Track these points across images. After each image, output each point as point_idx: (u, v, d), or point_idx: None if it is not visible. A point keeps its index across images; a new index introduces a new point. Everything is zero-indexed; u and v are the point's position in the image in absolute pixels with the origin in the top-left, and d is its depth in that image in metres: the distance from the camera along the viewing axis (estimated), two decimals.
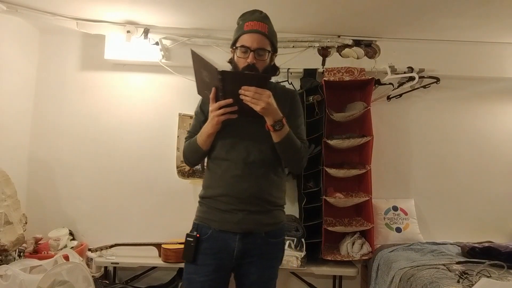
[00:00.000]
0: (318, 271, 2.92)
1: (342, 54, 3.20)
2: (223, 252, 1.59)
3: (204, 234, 1.61)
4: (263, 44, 1.59)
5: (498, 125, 3.38)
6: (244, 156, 1.59)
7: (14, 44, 2.97)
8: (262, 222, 1.61)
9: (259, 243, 1.61)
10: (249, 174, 1.59)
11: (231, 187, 1.59)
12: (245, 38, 1.59)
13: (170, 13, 2.85)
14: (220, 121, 1.53)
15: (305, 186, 2.97)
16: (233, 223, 1.58)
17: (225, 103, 1.48)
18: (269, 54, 1.63)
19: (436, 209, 3.31)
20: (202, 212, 1.67)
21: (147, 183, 3.25)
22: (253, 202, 1.59)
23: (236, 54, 1.62)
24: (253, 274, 1.62)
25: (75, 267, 2.40)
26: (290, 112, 1.67)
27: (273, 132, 1.54)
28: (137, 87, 3.31)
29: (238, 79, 1.49)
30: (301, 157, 1.65)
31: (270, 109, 1.48)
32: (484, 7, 2.56)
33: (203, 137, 1.61)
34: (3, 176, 2.60)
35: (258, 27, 1.59)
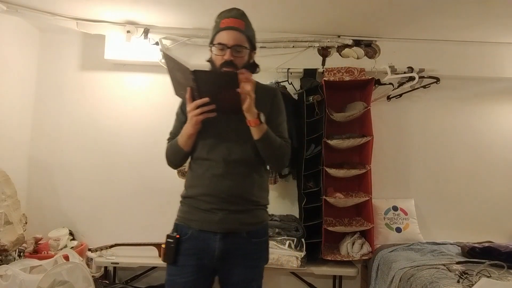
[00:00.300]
0: (318, 271, 2.92)
1: (342, 54, 3.20)
2: (204, 252, 1.56)
3: (184, 234, 1.59)
4: (240, 41, 1.57)
5: (498, 125, 3.39)
6: (225, 155, 1.57)
7: (14, 44, 2.97)
8: (243, 222, 1.58)
9: (241, 243, 1.57)
10: (230, 173, 1.56)
11: (212, 186, 1.57)
12: (222, 35, 1.58)
13: (170, 13, 2.85)
14: (198, 120, 1.51)
15: (305, 186, 2.97)
16: (213, 222, 1.55)
17: (201, 102, 1.46)
18: (247, 51, 1.61)
19: (436, 209, 3.31)
20: (182, 212, 1.66)
21: (147, 183, 3.25)
22: (234, 201, 1.56)
23: (213, 52, 1.61)
24: (236, 274, 1.58)
25: (75, 267, 2.40)
26: (271, 110, 1.64)
27: (254, 128, 1.51)
28: (137, 87, 3.31)
29: (212, 78, 1.48)
30: (282, 154, 1.62)
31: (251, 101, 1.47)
32: (483, 7, 2.57)
33: (183, 138, 1.60)
34: (3, 176, 2.60)
35: (234, 23, 1.58)
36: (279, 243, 2.84)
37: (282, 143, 1.62)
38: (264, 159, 1.62)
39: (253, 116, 1.49)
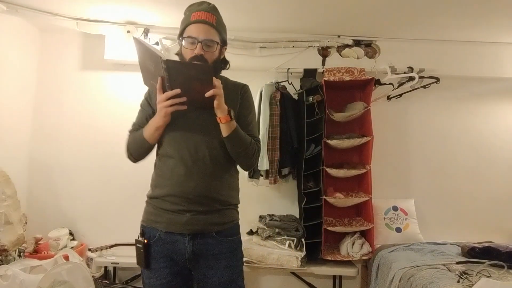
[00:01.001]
0: (318, 271, 2.92)
1: (342, 54, 3.20)
2: (175, 254, 1.53)
3: (152, 237, 1.56)
4: (210, 35, 1.52)
5: (498, 125, 3.39)
6: (192, 153, 1.51)
7: (14, 44, 2.96)
8: (211, 222, 1.52)
9: (211, 243, 1.52)
10: (197, 172, 1.50)
11: (177, 186, 1.51)
12: (192, 28, 1.52)
13: (170, 13, 2.84)
14: (168, 112, 1.45)
15: (305, 186, 2.97)
16: (180, 224, 1.50)
17: (172, 93, 1.40)
18: (217, 46, 1.54)
19: (436, 209, 3.31)
20: (148, 213, 1.61)
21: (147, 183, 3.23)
22: (201, 201, 1.51)
23: (183, 45, 1.54)
24: (212, 276, 1.54)
25: (75, 267, 2.40)
26: (241, 107, 1.59)
27: (224, 125, 1.47)
28: (137, 87, 3.30)
29: (184, 69, 1.41)
30: (252, 153, 1.57)
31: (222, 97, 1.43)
32: (484, 7, 2.57)
33: (150, 130, 1.53)
34: (3, 176, 2.59)
35: (205, 17, 1.52)
36: (279, 243, 2.84)
37: (252, 141, 1.57)
38: (232, 157, 1.56)
39: (224, 112, 1.44)
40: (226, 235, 1.56)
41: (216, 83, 1.40)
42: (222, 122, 1.46)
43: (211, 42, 1.52)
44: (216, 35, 1.54)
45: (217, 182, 1.55)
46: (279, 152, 2.97)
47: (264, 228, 2.92)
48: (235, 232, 1.62)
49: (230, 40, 3.02)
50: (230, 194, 1.60)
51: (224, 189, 1.57)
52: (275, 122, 2.98)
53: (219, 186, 1.55)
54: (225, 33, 1.60)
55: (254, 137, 1.61)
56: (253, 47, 3.11)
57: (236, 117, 1.52)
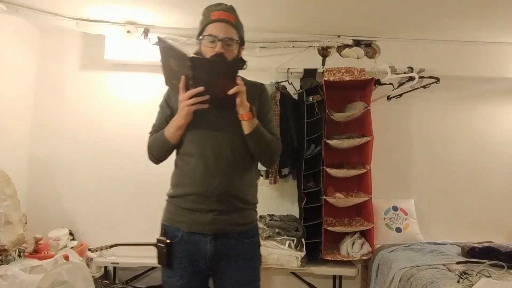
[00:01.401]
0: (318, 271, 2.92)
1: (342, 54, 3.20)
2: (197, 255, 1.53)
3: (174, 237, 1.55)
4: (230, 33, 1.52)
5: (498, 125, 3.39)
6: (214, 151, 1.51)
7: (14, 44, 2.96)
8: (233, 222, 1.53)
9: (233, 243, 1.53)
10: (219, 170, 1.50)
11: (199, 185, 1.51)
12: (212, 27, 1.52)
13: (170, 13, 2.85)
14: (191, 111, 1.44)
15: (305, 186, 2.97)
16: (203, 224, 1.50)
17: (196, 91, 1.39)
18: (237, 45, 1.56)
19: (436, 209, 3.31)
20: (170, 213, 1.61)
21: (147, 183, 3.24)
22: (223, 200, 1.51)
23: (203, 44, 1.55)
24: (231, 277, 1.54)
25: (75, 267, 2.40)
26: (260, 107, 1.60)
27: (246, 122, 1.47)
28: (137, 87, 3.31)
29: (208, 66, 1.42)
30: (273, 150, 1.59)
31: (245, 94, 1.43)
32: (484, 7, 2.57)
33: (172, 130, 1.53)
34: (3, 176, 2.59)
35: (225, 16, 1.53)
36: (279, 243, 2.84)
37: (273, 138, 1.59)
38: (254, 155, 1.57)
39: (246, 109, 1.45)
40: (246, 236, 1.57)
41: (238, 80, 1.41)
42: (244, 119, 1.47)
43: (231, 41, 1.53)
44: (235, 34, 1.55)
45: (239, 179, 1.55)
46: None
47: (264, 228, 2.92)
48: (255, 233, 1.63)
49: None
50: (250, 192, 1.61)
51: (245, 187, 1.57)
52: (275, 122, 2.97)
53: (241, 184, 1.55)
54: (243, 32, 1.61)
55: (274, 134, 1.62)
56: (253, 47, 3.11)
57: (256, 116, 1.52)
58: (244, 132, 1.50)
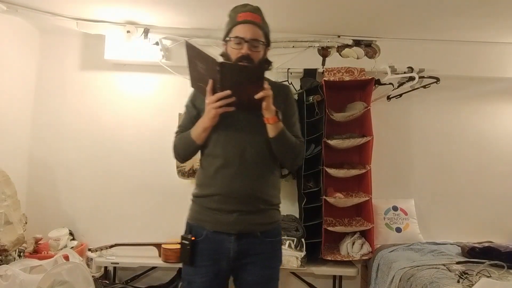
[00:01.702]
0: (318, 271, 2.92)
1: (342, 54, 3.20)
2: (219, 253, 1.56)
3: (199, 235, 1.58)
4: (257, 35, 1.54)
5: (498, 125, 3.39)
6: (238, 153, 1.54)
7: (14, 44, 2.96)
8: (257, 222, 1.57)
9: (255, 243, 1.57)
10: (243, 172, 1.54)
11: (224, 186, 1.54)
12: (239, 29, 1.54)
13: (170, 13, 2.85)
14: (217, 113, 1.47)
15: (305, 186, 2.97)
16: (227, 224, 1.54)
17: (223, 94, 1.43)
18: (263, 46, 1.58)
19: (436, 209, 3.31)
20: (195, 212, 1.64)
21: (147, 183, 3.25)
22: (247, 201, 1.54)
23: (229, 46, 1.57)
24: (252, 275, 1.58)
25: (75, 267, 2.40)
26: (285, 109, 1.61)
27: (272, 125, 1.50)
28: (137, 87, 3.31)
29: (237, 71, 1.45)
30: (297, 154, 1.63)
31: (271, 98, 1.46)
32: (484, 7, 2.56)
33: (198, 131, 1.56)
34: (3, 176, 2.59)
35: (251, 17, 1.54)
36: None
37: (297, 142, 1.62)
38: (278, 157, 1.60)
39: (272, 113, 1.47)
40: (269, 236, 1.60)
41: (265, 85, 1.43)
42: (270, 122, 1.49)
43: (257, 42, 1.54)
44: (262, 35, 1.56)
45: (262, 181, 1.58)
46: None
47: None
48: (278, 233, 1.66)
49: None
50: (273, 194, 1.64)
51: (268, 189, 1.60)
52: None
53: (264, 186, 1.59)
54: (269, 32, 1.62)
55: (298, 137, 1.65)
56: None
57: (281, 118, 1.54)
58: (269, 136, 1.52)
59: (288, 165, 1.70)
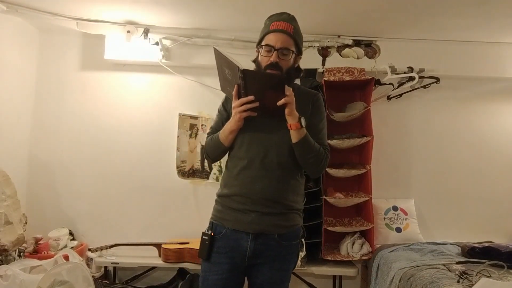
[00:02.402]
0: (318, 271, 2.92)
1: (342, 54, 3.20)
2: (236, 252, 1.61)
3: (218, 233, 1.63)
4: (287, 44, 1.60)
5: (498, 125, 3.38)
6: (261, 156, 1.59)
7: (14, 44, 2.96)
8: (274, 224, 1.61)
9: (272, 244, 1.60)
10: (265, 175, 1.59)
11: (245, 187, 1.60)
12: (270, 37, 1.60)
13: (170, 13, 2.84)
14: (242, 117, 1.54)
15: (305, 186, 2.96)
16: (246, 223, 1.59)
17: (247, 100, 1.50)
18: (293, 55, 1.63)
19: (436, 209, 3.31)
20: (217, 211, 1.69)
21: (147, 183, 3.25)
22: (266, 203, 1.59)
23: (260, 53, 1.63)
24: (264, 275, 1.62)
25: (75, 267, 2.40)
26: (312, 115, 1.66)
27: (294, 131, 1.54)
28: (137, 87, 3.31)
29: (258, 78, 1.53)
30: (319, 160, 1.63)
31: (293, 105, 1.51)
32: (483, 7, 2.56)
33: (225, 133, 1.63)
34: (3, 176, 2.60)
35: (283, 27, 1.61)
36: None
37: (320, 149, 1.63)
38: (300, 163, 1.63)
39: (295, 119, 1.52)
40: (286, 239, 1.63)
41: (287, 92, 1.48)
42: (292, 128, 1.54)
43: (287, 51, 1.60)
44: (292, 44, 1.63)
45: (283, 186, 1.62)
46: None
47: None
48: (296, 236, 1.69)
49: (230, 40, 3.05)
50: (294, 199, 1.67)
51: (289, 194, 1.64)
52: None
53: (285, 191, 1.63)
54: (301, 42, 1.69)
55: (323, 145, 1.68)
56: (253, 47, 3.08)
57: (307, 125, 1.57)
58: (292, 141, 1.57)
59: (310, 172, 1.72)
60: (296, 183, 1.68)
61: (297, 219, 1.70)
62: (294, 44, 1.63)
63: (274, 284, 1.64)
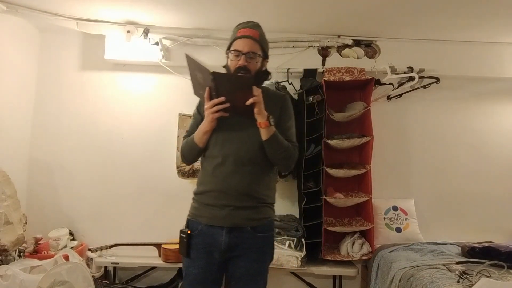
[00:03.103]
0: (318, 271, 2.92)
1: (342, 54, 3.20)
2: (213, 246, 1.69)
3: (194, 229, 1.72)
4: (254, 48, 1.71)
5: (498, 125, 3.39)
6: (234, 154, 1.68)
7: (14, 44, 2.97)
8: (247, 217, 1.69)
9: (246, 237, 1.68)
10: (238, 171, 1.68)
11: (219, 183, 1.69)
12: (238, 43, 1.71)
13: (170, 13, 2.85)
14: (214, 118, 1.63)
15: (305, 186, 2.97)
16: (220, 217, 1.68)
17: (218, 101, 1.60)
18: (259, 58, 1.74)
19: (436, 209, 3.31)
20: (194, 209, 1.78)
21: (147, 183, 3.25)
22: (240, 198, 1.68)
23: (229, 58, 1.74)
24: (241, 267, 1.70)
25: (75, 267, 2.40)
26: (281, 115, 1.77)
27: (264, 129, 1.63)
28: (137, 87, 3.31)
29: (228, 80, 1.62)
30: (288, 156, 1.73)
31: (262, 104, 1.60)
32: (484, 7, 2.57)
33: (199, 134, 1.71)
34: (3, 176, 2.60)
35: (250, 33, 1.72)
36: (279, 243, 2.84)
37: (289, 145, 1.73)
38: (270, 159, 1.72)
39: (264, 118, 1.62)
40: (260, 231, 1.71)
41: (255, 92, 1.58)
42: (261, 127, 1.64)
43: (254, 55, 1.71)
44: (259, 49, 1.73)
45: (255, 181, 1.71)
46: None
47: None
48: (269, 228, 1.77)
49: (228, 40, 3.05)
50: (267, 194, 1.76)
51: (261, 189, 1.73)
52: None
53: (257, 186, 1.72)
54: (267, 47, 1.79)
55: (292, 142, 1.77)
56: None
57: (276, 124, 1.68)
58: (262, 138, 1.66)
59: (280, 167, 1.83)
60: (268, 178, 1.77)
61: (269, 212, 1.77)
62: (260, 49, 1.73)
63: (251, 276, 1.71)
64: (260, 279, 1.74)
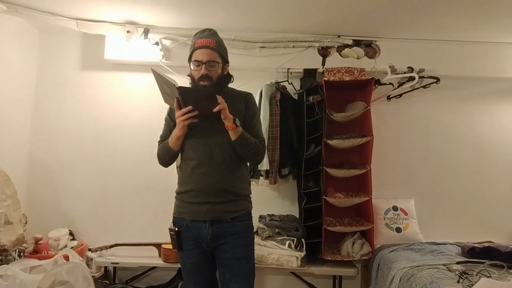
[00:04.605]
0: (318, 271, 2.92)
1: (342, 54, 3.20)
2: (199, 238, 1.90)
3: (181, 225, 1.92)
4: (212, 57, 1.86)
5: (498, 125, 3.39)
6: (208, 155, 1.87)
7: (14, 44, 2.97)
8: (226, 210, 1.88)
9: (227, 226, 1.88)
10: (213, 171, 1.87)
11: (198, 183, 1.88)
12: (197, 53, 1.87)
13: (170, 13, 2.85)
14: (185, 125, 1.81)
15: (305, 186, 2.97)
16: (201, 213, 1.87)
17: (186, 110, 1.77)
18: (219, 65, 1.89)
19: (436, 209, 3.31)
20: (177, 207, 1.97)
21: (147, 183, 3.25)
22: (217, 194, 1.87)
23: (191, 68, 1.90)
24: (227, 251, 1.89)
25: (75, 267, 2.41)
26: (246, 114, 1.94)
27: (231, 131, 1.81)
28: (137, 87, 3.31)
29: (192, 93, 1.81)
30: (257, 152, 1.91)
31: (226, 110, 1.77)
32: (484, 7, 2.57)
33: (173, 140, 1.90)
34: (3, 176, 2.60)
35: (206, 43, 1.87)
36: (279, 243, 2.84)
37: (257, 142, 1.91)
38: (241, 156, 1.91)
39: (230, 121, 1.79)
40: (239, 220, 1.91)
41: (219, 100, 1.74)
42: (229, 129, 1.81)
43: (213, 63, 1.87)
44: (217, 56, 1.89)
45: (230, 177, 1.90)
46: (279, 152, 2.97)
47: (264, 228, 2.92)
48: (247, 218, 1.96)
49: (230, 40, 3.05)
50: (242, 186, 1.95)
51: (236, 182, 1.92)
52: (275, 122, 2.98)
53: (232, 180, 1.91)
54: (225, 53, 1.94)
55: (258, 137, 1.95)
56: (253, 47, 3.11)
57: (242, 122, 1.86)
58: (231, 139, 1.84)
59: (251, 162, 2.05)
60: (241, 172, 1.96)
61: (246, 204, 1.97)
62: (219, 56, 1.88)
63: (238, 260, 1.89)
64: (245, 262, 1.92)
